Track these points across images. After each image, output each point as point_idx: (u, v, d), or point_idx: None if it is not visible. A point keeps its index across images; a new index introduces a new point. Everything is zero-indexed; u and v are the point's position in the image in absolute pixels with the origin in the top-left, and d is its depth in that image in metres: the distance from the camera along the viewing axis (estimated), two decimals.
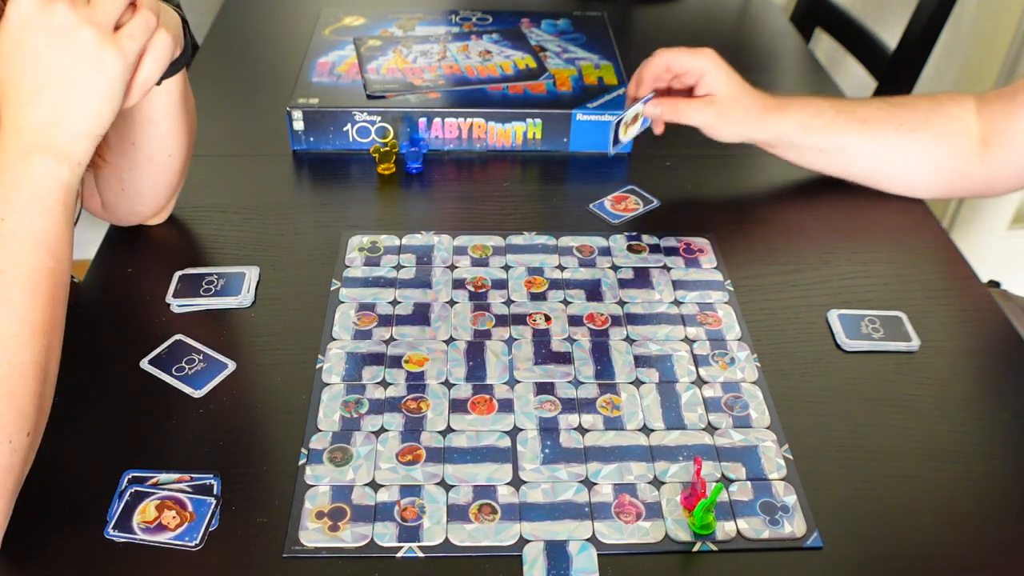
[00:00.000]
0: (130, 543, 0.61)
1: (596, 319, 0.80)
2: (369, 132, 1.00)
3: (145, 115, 0.75)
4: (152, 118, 0.75)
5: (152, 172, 0.80)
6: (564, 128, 1.01)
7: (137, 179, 0.81)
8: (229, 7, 1.35)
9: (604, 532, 0.62)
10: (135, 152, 0.78)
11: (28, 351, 0.57)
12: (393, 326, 0.78)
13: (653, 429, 0.70)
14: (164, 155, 0.79)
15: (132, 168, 0.79)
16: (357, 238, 0.88)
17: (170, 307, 0.80)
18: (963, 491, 0.66)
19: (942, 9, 1.32)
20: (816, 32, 1.55)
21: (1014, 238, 1.96)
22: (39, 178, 0.58)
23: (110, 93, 0.60)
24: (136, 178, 0.80)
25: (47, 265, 0.59)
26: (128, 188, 0.82)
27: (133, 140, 0.77)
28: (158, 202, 0.85)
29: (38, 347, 0.58)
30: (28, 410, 0.57)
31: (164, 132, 0.77)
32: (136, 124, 0.76)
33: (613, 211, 0.92)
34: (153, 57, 0.63)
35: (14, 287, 0.57)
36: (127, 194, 0.82)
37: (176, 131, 0.78)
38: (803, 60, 1.30)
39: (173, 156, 0.80)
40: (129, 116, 0.75)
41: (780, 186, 1.00)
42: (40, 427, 0.59)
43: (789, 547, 0.62)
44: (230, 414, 0.70)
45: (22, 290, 0.57)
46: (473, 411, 0.71)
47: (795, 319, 0.80)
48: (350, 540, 0.61)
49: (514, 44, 1.13)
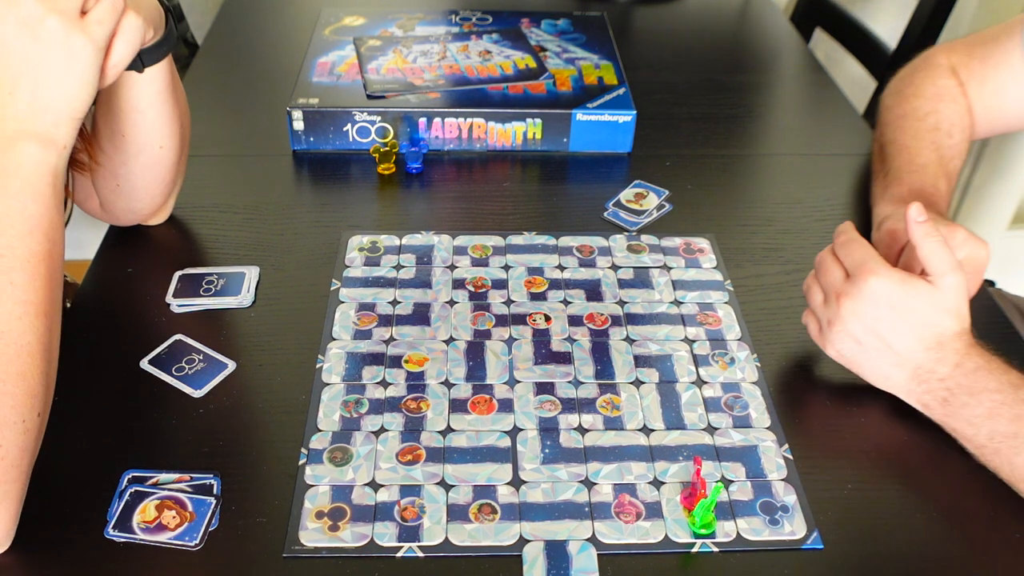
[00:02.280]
0: (130, 543, 0.61)
1: (596, 319, 0.80)
2: (369, 132, 1.00)
3: (131, 105, 0.75)
4: (138, 108, 0.75)
5: (145, 165, 0.80)
6: (564, 128, 1.01)
7: (132, 174, 0.81)
8: (229, 7, 1.35)
9: (604, 532, 0.62)
10: (126, 144, 0.78)
11: (33, 332, 0.58)
12: (393, 326, 0.78)
13: (653, 429, 0.70)
14: (155, 147, 0.79)
15: (125, 162, 0.79)
16: (357, 238, 0.88)
17: (170, 307, 0.80)
18: (963, 491, 0.66)
19: (942, 9, 1.32)
20: (816, 32, 1.55)
21: (1014, 238, 1.96)
22: (27, 164, 0.60)
23: (84, 78, 0.61)
24: (130, 173, 0.80)
25: (44, 247, 0.60)
26: (123, 184, 0.82)
27: (123, 132, 0.77)
28: (154, 199, 0.85)
29: (41, 328, 0.59)
30: (37, 389, 0.59)
31: (152, 122, 0.77)
32: (123, 114, 0.76)
33: (628, 219, 0.92)
34: (124, 39, 0.64)
35: (15, 270, 0.58)
36: (123, 191, 0.82)
37: (164, 121, 0.78)
38: (803, 60, 1.30)
39: (165, 148, 0.79)
40: (116, 107, 0.75)
41: (780, 186, 1.00)
42: (47, 407, 0.61)
43: (789, 547, 0.62)
44: (230, 414, 0.70)
45: (23, 272, 0.59)
46: (473, 411, 0.71)
47: (795, 319, 0.80)
48: (350, 540, 0.61)
49: (514, 44, 1.13)
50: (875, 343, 0.69)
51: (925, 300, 0.67)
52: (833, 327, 0.70)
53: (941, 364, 0.67)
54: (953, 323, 0.67)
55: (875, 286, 0.67)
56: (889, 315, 0.67)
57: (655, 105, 1.11)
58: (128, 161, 0.79)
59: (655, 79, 1.19)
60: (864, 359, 0.70)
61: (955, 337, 0.67)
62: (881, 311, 0.68)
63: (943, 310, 0.67)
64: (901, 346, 0.68)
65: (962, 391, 0.66)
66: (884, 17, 1.70)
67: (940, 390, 0.67)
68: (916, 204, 0.68)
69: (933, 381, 0.67)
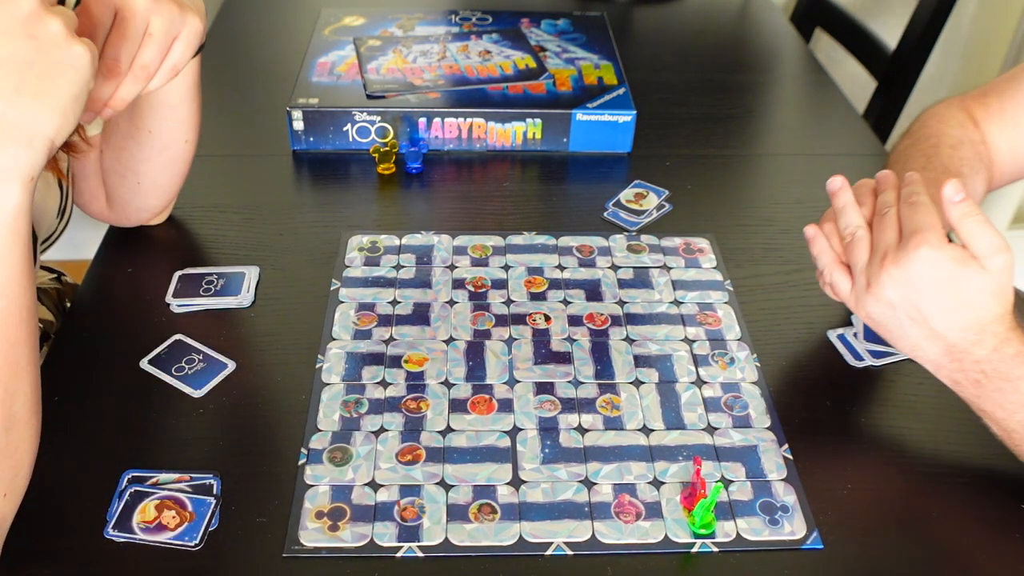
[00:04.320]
0: (130, 543, 0.61)
1: (596, 319, 0.80)
2: (369, 132, 1.00)
3: (163, 100, 0.74)
4: (170, 103, 0.74)
5: (169, 160, 0.79)
6: (564, 128, 1.01)
7: (153, 170, 0.80)
8: (229, 7, 1.35)
9: (604, 532, 0.62)
10: (152, 140, 0.76)
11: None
12: (393, 326, 0.78)
13: (653, 429, 0.70)
14: (181, 141, 0.78)
15: (149, 158, 0.78)
16: (357, 238, 0.88)
17: (170, 307, 0.80)
18: (963, 491, 0.66)
19: (942, 9, 1.32)
20: (816, 32, 1.55)
21: (1014, 238, 1.96)
22: None
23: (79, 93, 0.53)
24: (152, 169, 0.80)
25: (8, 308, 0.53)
26: (144, 181, 0.81)
27: (150, 128, 0.76)
28: (168, 195, 0.84)
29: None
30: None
31: (181, 117, 0.76)
32: (153, 110, 0.74)
33: (628, 219, 0.92)
34: (185, 42, 0.61)
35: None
36: (143, 187, 0.81)
37: (192, 115, 0.77)
38: (803, 60, 1.30)
39: (189, 142, 0.79)
40: (145, 103, 0.74)
41: (780, 186, 1.00)
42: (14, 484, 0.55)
43: (789, 547, 0.62)
44: (230, 414, 0.70)
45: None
46: (473, 411, 0.71)
47: (795, 319, 0.80)
48: (350, 540, 0.61)
49: (514, 44, 1.13)
50: (913, 315, 0.65)
51: (973, 282, 0.63)
52: (871, 290, 0.66)
53: (978, 347, 0.64)
54: (996, 306, 0.63)
55: (927, 258, 0.63)
56: (933, 291, 0.64)
57: (655, 105, 1.11)
58: (152, 157, 0.78)
59: (655, 79, 1.19)
60: (896, 326, 0.67)
61: (997, 320, 0.63)
62: (926, 285, 0.64)
63: (989, 293, 0.63)
64: (940, 323, 0.64)
65: (998, 376, 0.64)
66: (884, 17, 1.70)
67: (974, 372, 0.64)
68: (953, 181, 0.62)
69: (968, 361, 0.64)
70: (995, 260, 0.62)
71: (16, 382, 0.54)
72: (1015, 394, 0.63)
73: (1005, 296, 0.63)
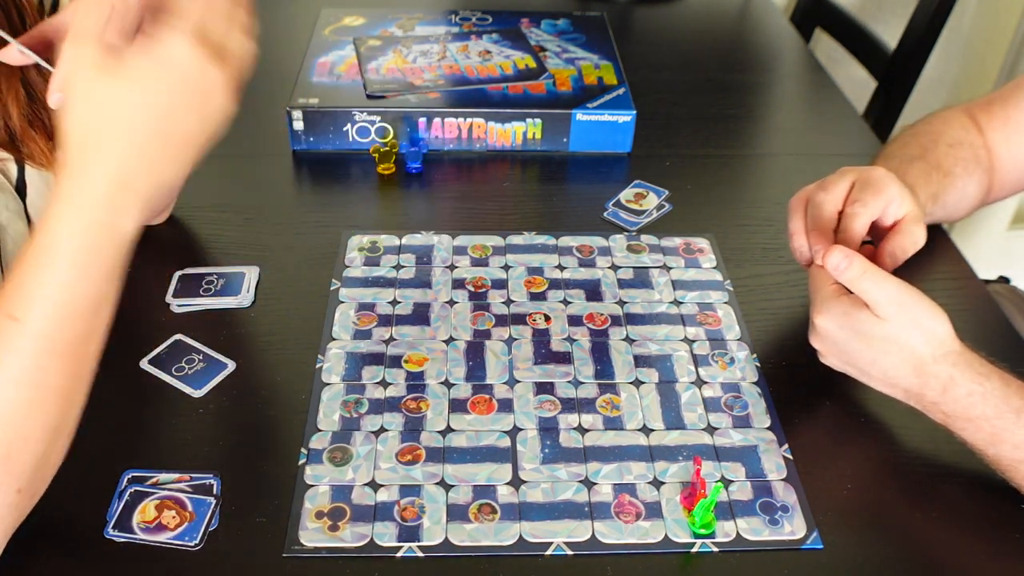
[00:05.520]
0: (130, 543, 0.61)
1: (596, 319, 0.80)
2: (369, 132, 1.00)
3: None
4: None
5: None
6: (564, 128, 1.01)
7: None
8: None
9: (604, 532, 0.62)
10: None
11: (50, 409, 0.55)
12: (393, 326, 0.78)
13: (653, 429, 0.70)
14: None
15: None
16: (357, 238, 0.88)
17: (170, 307, 0.80)
18: (963, 491, 0.66)
19: (942, 9, 1.32)
20: (816, 32, 1.55)
21: (1014, 238, 1.96)
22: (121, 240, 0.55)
23: None
24: None
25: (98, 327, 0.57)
26: None
27: None
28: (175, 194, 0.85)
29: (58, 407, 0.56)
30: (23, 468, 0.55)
31: None
32: None
33: (628, 219, 0.92)
34: None
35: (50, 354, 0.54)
36: None
37: None
38: (803, 60, 1.30)
39: None
40: None
41: (780, 186, 1.00)
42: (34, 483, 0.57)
43: (789, 547, 0.62)
44: (230, 414, 0.70)
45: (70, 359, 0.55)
46: (473, 411, 0.71)
47: (795, 319, 0.80)
48: (350, 540, 0.61)
49: (514, 44, 1.13)
50: (856, 372, 0.67)
51: (876, 331, 0.63)
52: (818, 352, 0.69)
53: (928, 390, 0.63)
54: (923, 348, 0.62)
55: (822, 327, 0.66)
56: (853, 347, 0.65)
57: (655, 105, 1.11)
58: None
59: (655, 79, 1.19)
60: (857, 374, 0.68)
61: (932, 362, 0.62)
62: (843, 346, 0.65)
63: (901, 343, 0.63)
64: (880, 373, 0.65)
65: (958, 416, 0.63)
66: (884, 17, 1.70)
67: (937, 413, 0.65)
68: (835, 251, 0.62)
69: (927, 403, 0.65)
70: (888, 309, 0.62)
71: (79, 396, 0.57)
72: (979, 432, 0.63)
73: (928, 338, 0.62)
